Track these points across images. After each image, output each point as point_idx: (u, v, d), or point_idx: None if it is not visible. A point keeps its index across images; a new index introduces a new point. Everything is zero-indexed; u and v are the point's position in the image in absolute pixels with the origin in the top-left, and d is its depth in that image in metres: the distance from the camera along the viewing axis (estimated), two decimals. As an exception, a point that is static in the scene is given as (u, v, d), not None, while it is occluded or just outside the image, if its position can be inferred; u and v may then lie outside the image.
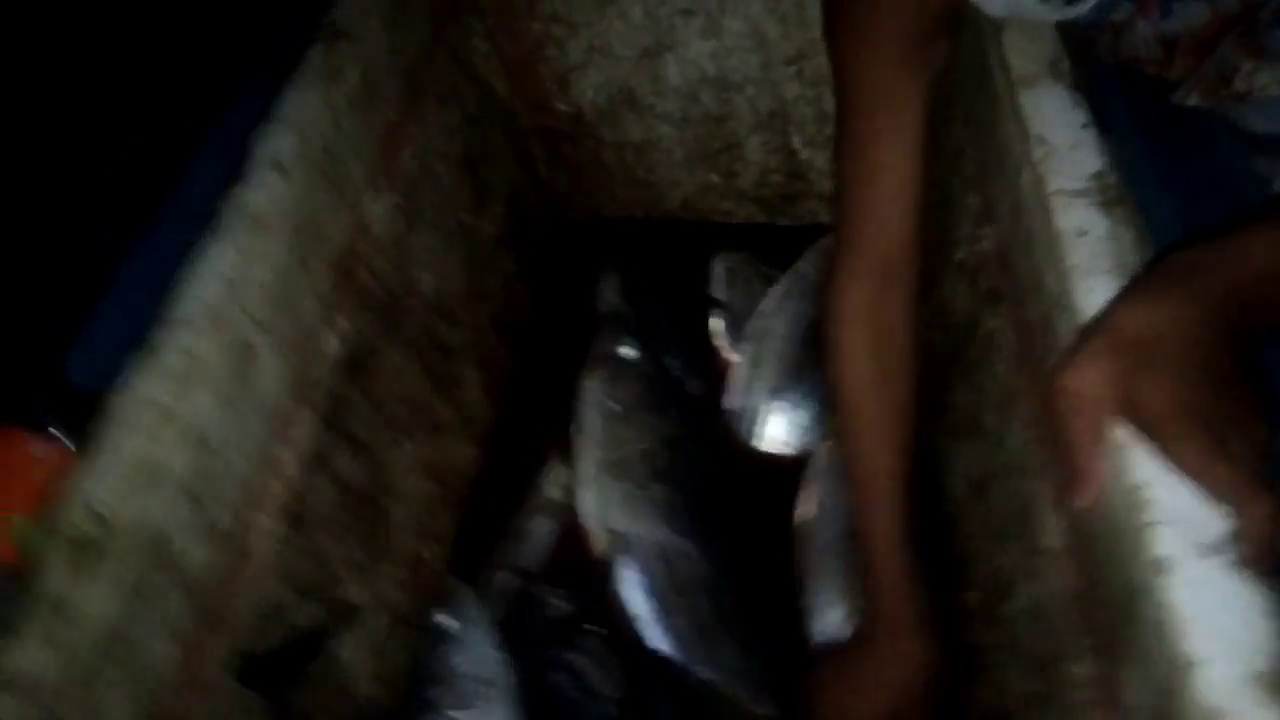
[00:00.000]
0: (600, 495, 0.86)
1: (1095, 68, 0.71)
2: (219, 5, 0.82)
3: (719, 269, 1.12)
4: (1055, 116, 0.66)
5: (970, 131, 0.82)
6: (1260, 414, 0.48)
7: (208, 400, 0.60)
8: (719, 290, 1.10)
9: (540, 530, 0.96)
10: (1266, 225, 0.51)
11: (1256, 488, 0.45)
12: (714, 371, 1.05)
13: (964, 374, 0.83)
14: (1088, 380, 0.52)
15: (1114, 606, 0.52)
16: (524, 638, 0.87)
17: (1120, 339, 0.51)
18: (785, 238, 1.15)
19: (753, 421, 1.00)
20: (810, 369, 1.00)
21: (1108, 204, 0.60)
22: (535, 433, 1.02)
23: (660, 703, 0.81)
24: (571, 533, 0.93)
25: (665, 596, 0.80)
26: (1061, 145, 0.64)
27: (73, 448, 0.59)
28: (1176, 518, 0.47)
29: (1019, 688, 0.69)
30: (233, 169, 0.68)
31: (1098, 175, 0.62)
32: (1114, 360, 0.51)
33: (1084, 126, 0.64)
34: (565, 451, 0.97)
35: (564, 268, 1.20)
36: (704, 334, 1.08)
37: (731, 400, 1.01)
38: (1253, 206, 0.54)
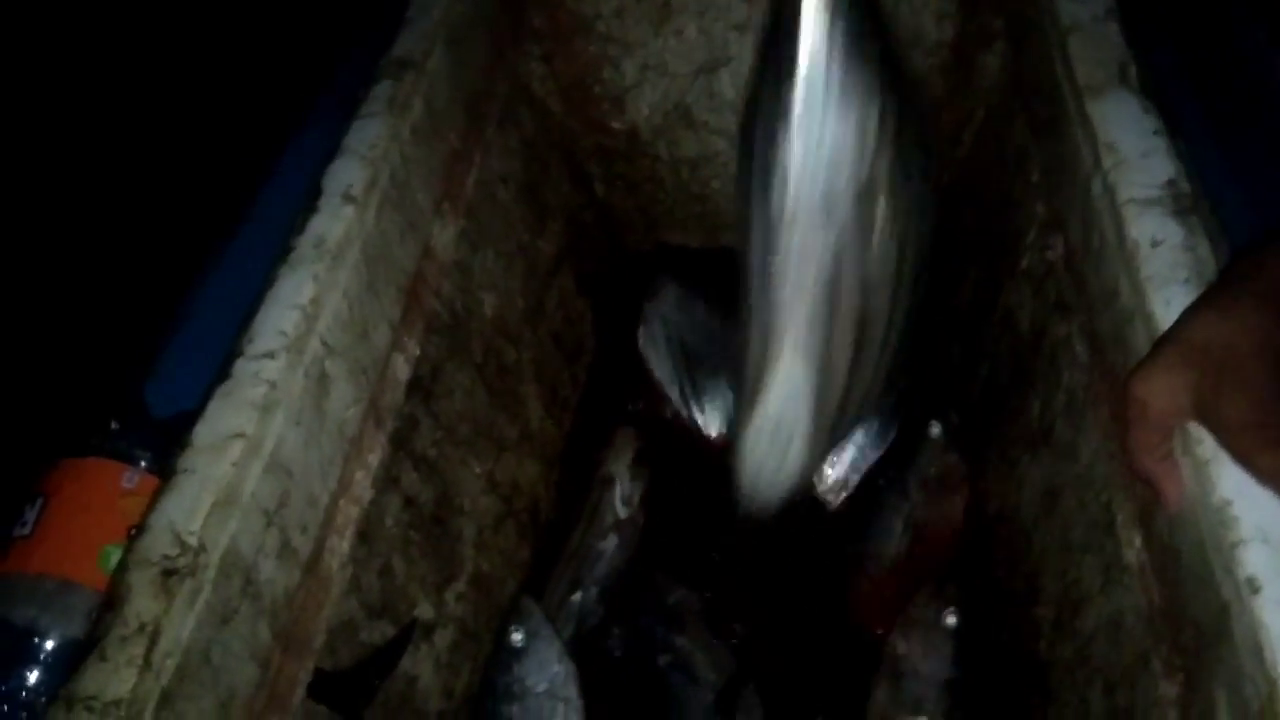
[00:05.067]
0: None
1: (1165, 72, 0.70)
2: (285, 40, 0.84)
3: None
4: (1125, 124, 0.65)
5: (1035, 139, 0.81)
6: None
7: (287, 428, 0.61)
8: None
9: (608, 546, 0.96)
10: None
11: None
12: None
13: (1032, 382, 0.81)
14: (1155, 390, 0.51)
15: (1202, 625, 0.51)
16: (636, 618, 0.91)
17: (1192, 349, 0.50)
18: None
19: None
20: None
21: (1182, 212, 0.59)
22: (599, 449, 1.03)
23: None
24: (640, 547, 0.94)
25: None
26: (1132, 153, 0.63)
27: (158, 477, 0.61)
28: (1267, 535, 0.46)
29: (1099, 705, 0.68)
30: (300, 200, 0.70)
31: (1170, 183, 0.61)
32: (1186, 371, 0.50)
33: (1155, 133, 0.63)
34: (631, 469, 0.98)
35: (622, 284, 1.20)
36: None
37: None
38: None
